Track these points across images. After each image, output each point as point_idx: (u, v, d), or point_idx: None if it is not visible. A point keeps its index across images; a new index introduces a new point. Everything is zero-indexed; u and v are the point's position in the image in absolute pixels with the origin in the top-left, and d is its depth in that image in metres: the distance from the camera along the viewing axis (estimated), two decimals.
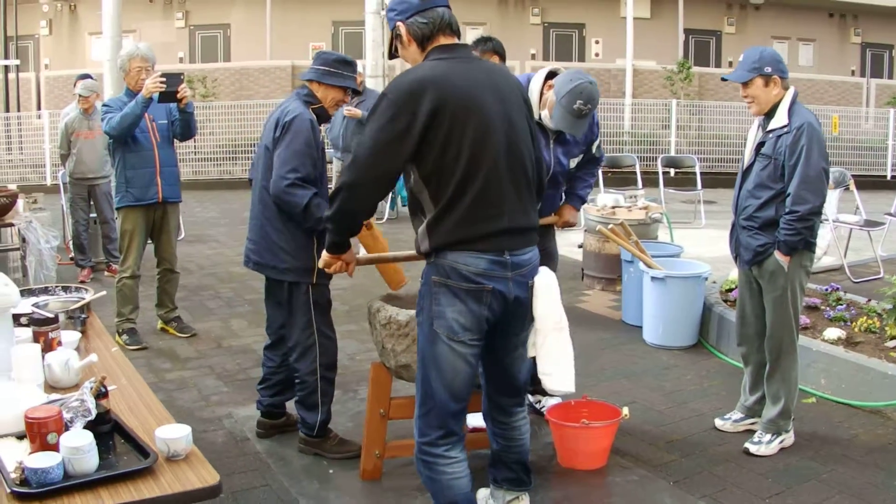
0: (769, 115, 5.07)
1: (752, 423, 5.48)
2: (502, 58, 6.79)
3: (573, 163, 5.51)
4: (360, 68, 10.72)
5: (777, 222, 5.00)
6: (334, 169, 11.51)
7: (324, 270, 4.29)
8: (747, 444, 5.21)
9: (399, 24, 3.67)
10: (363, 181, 3.46)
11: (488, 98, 3.55)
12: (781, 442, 5.23)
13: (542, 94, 5.20)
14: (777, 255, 5.04)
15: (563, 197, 5.74)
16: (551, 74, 5.24)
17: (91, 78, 10.13)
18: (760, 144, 5.12)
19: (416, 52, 3.66)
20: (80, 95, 9.59)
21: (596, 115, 5.52)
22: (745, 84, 5.04)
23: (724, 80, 5.30)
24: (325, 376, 5.11)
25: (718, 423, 5.61)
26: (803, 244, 5.00)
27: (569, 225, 5.71)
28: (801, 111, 4.99)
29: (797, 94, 5.09)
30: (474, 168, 3.46)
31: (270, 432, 5.44)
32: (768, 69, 4.99)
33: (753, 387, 5.51)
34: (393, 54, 3.82)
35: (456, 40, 3.69)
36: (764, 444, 5.20)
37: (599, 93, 5.12)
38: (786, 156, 4.92)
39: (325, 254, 4.04)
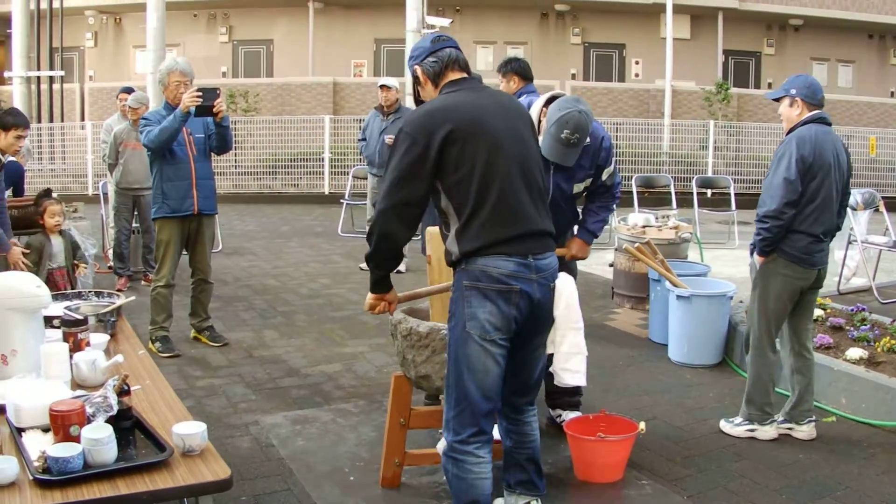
0: None
1: (790, 428, 5.75)
2: (525, 79, 6.87)
3: (578, 187, 5.51)
4: (396, 84, 10.92)
5: None
6: (369, 184, 11.67)
7: None
8: (721, 420, 5.83)
9: (416, 67, 4.03)
10: (393, 204, 3.76)
11: (495, 117, 3.86)
12: (752, 431, 5.67)
13: (539, 120, 5.25)
14: (755, 253, 5.63)
15: (575, 228, 5.77)
16: (551, 100, 5.30)
17: (133, 90, 10.34)
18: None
19: (431, 90, 4.02)
20: (129, 107, 9.77)
21: (608, 141, 5.54)
22: (777, 101, 5.62)
23: (766, 97, 5.91)
24: None
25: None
26: (768, 246, 5.48)
27: (577, 259, 5.73)
28: (799, 131, 5.44)
29: (816, 118, 5.48)
30: (489, 179, 3.74)
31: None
32: (793, 91, 5.49)
33: (791, 389, 5.85)
34: (417, 99, 4.12)
35: (463, 75, 4.00)
36: (732, 425, 5.75)
37: (590, 121, 5.13)
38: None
39: (369, 296, 4.25)
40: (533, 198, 3.89)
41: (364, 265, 11.27)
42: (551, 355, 4.16)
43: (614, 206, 5.91)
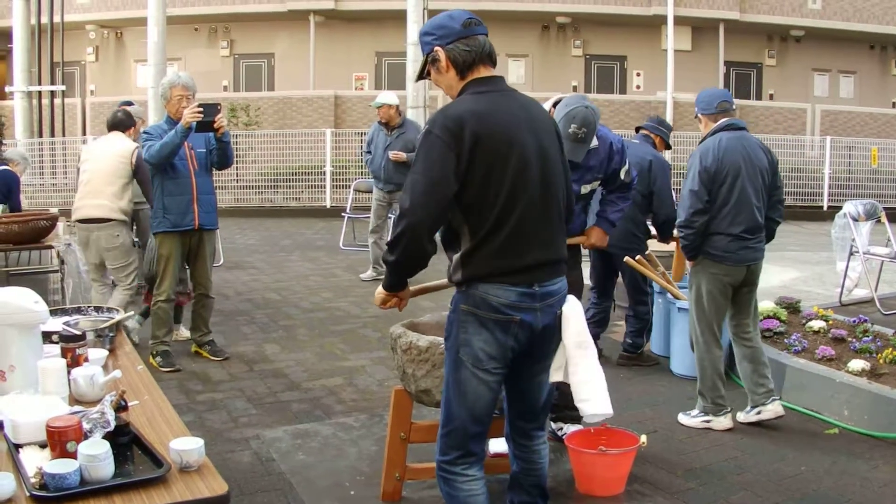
0: None
1: (759, 413, 6.11)
2: None
3: (585, 188, 5.56)
4: (396, 100, 10.92)
5: None
6: (374, 197, 11.55)
7: None
8: (679, 413, 6.25)
9: (438, 49, 3.66)
10: (425, 218, 3.49)
11: (526, 133, 3.61)
12: (708, 422, 6.04)
13: None
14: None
15: (594, 218, 5.86)
16: (557, 103, 5.34)
17: (132, 104, 10.35)
18: None
19: (453, 78, 3.69)
20: None
21: (619, 143, 5.60)
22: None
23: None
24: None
25: (740, 415, 6.20)
26: (691, 251, 5.99)
27: (596, 247, 5.79)
28: (703, 143, 5.97)
29: (723, 126, 5.98)
30: (512, 202, 3.53)
31: None
32: (696, 110, 6.18)
33: (743, 377, 6.29)
34: (421, 76, 3.85)
35: (492, 72, 3.72)
36: (689, 417, 6.15)
37: (597, 117, 5.21)
38: None
39: (380, 290, 3.98)
40: (550, 221, 3.69)
41: (366, 275, 11.33)
42: (561, 383, 4.03)
43: (630, 196, 5.96)
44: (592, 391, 3.98)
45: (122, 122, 8.06)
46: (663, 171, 7.38)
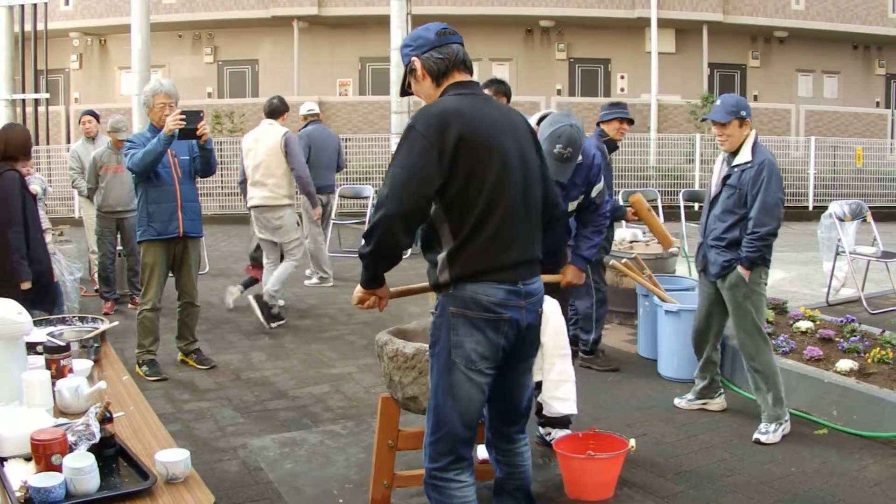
0: (735, 152, 5.93)
1: (704, 404, 6.51)
2: (509, 99, 6.95)
3: (572, 205, 5.54)
4: (303, 110, 11.18)
5: (740, 242, 5.89)
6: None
7: None
8: (756, 435, 5.88)
9: (414, 59, 3.74)
10: (401, 212, 3.47)
11: (506, 136, 3.65)
12: (784, 431, 5.92)
13: None
14: (740, 269, 5.90)
15: (569, 254, 5.80)
16: (542, 119, 5.32)
17: (95, 113, 10.40)
18: (727, 177, 5.97)
19: (430, 86, 3.75)
20: (109, 131, 9.74)
21: (598, 158, 5.58)
22: (724, 124, 5.85)
23: (703, 120, 6.21)
24: (599, 310, 7.40)
25: (676, 401, 6.63)
26: (761, 260, 5.88)
27: (572, 285, 5.74)
28: (762, 150, 5.87)
29: (757, 134, 6.00)
30: (494, 202, 3.55)
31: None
32: (743, 113, 5.85)
33: (702, 374, 6.51)
34: (406, 91, 3.90)
35: (469, 77, 3.77)
36: (770, 433, 5.86)
37: (582, 134, 5.18)
38: (749, 186, 5.80)
39: (358, 289, 4.03)
40: (529, 222, 3.72)
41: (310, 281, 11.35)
42: (540, 382, 4.05)
43: (605, 228, 5.92)
44: (565, 391, 4.05)
45: (276, 108, 9.54)
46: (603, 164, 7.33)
